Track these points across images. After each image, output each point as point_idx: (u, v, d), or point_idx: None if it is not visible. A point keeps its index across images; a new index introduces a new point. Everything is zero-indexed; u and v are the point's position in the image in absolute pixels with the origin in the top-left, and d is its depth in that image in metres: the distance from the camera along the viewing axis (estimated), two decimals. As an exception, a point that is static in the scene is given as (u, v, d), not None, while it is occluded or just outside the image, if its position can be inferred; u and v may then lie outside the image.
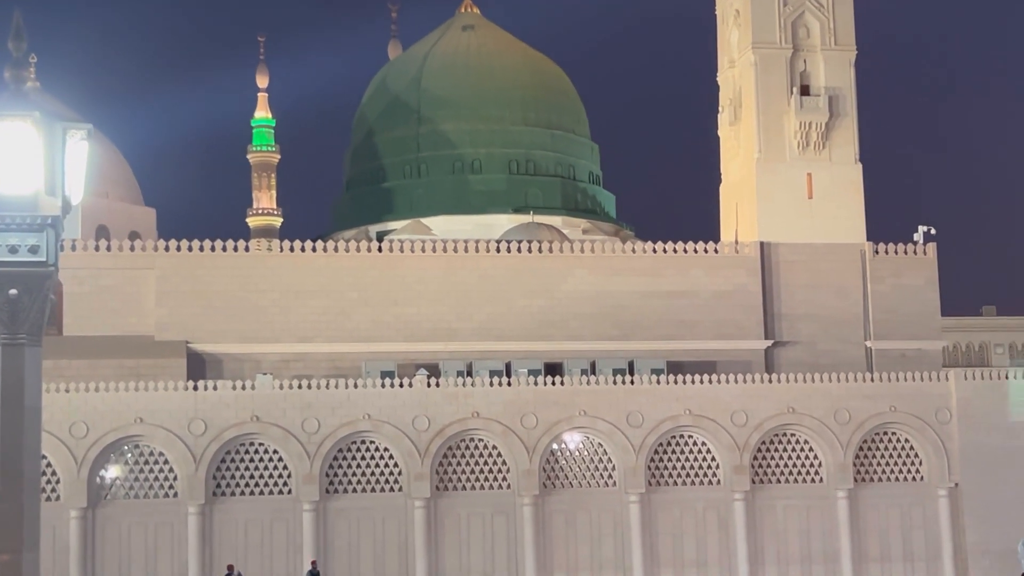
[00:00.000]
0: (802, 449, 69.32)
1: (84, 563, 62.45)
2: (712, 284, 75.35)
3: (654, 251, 75.56)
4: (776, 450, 69.16)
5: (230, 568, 60.36)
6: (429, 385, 66.48)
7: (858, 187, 78.86)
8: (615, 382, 67.84)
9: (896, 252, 77.64)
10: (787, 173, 78.14)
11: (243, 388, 65.11)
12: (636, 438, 67.11)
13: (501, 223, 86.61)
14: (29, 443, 17.18)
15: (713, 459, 68.39)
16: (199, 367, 69.93)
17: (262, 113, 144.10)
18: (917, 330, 77.05)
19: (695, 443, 68.47)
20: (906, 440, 70.12)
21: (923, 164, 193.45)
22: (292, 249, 72.76)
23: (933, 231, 78.63)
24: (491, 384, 66.92)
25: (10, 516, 17.87)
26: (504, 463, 66.71)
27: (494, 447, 66.75)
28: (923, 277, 77.69)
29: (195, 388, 64.76)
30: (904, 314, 76.94)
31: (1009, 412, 69.97)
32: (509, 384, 67.15)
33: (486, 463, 66.81)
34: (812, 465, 69.28)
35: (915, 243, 78.12)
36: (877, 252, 77.46)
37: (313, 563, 61.84)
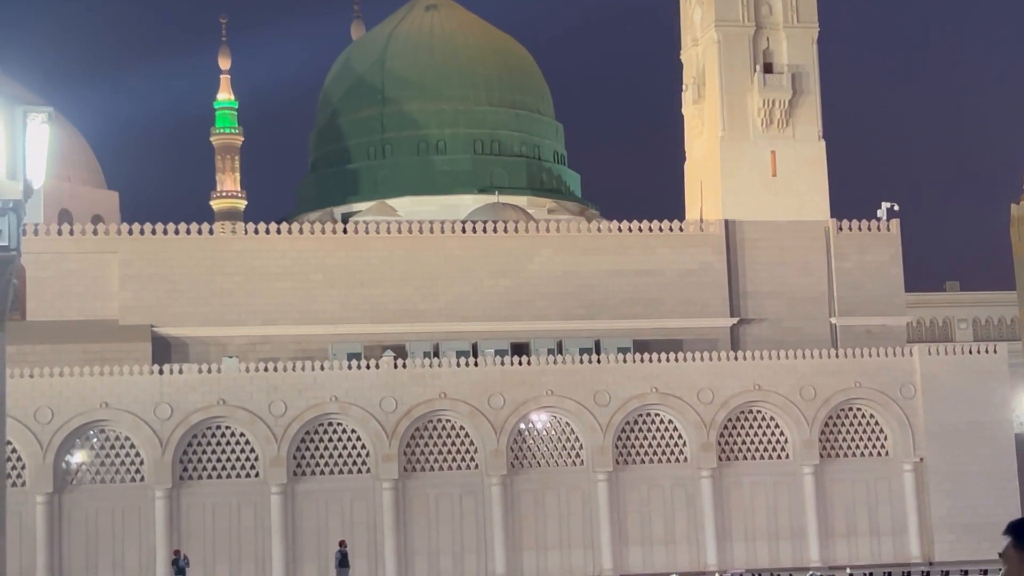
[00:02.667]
0: (768, 426, 69.63)
1: (51, 548, 62.19)
2: (678, 262, 75.51)
3: (619, 230, 75.67)
4: (742, 427, 69.45)
5: (176, 553, 60.21)
6: (396, 366, 66.43)
7: (822, 164, 79.09)
8: (582, 361, 67.96)
9: (860, 229, 77.96)
10: (751, 151, 78.30)
11: (209, 371, 64.89)
12: (603, 417, 67.26)
13: (466, 203, 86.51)
14: (-7, 429, 17.08)
15: (680, 437, 68.62)
16: (164, 351, 69.65)
17: (225, 95, 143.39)
18: (881, 306, 77.45)
19: (662, 421, 68.67)
20: (871, 416, 70.52)
21: (886, 141, 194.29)
22: (257, 231, 72.50)
23: (896, 207, 79.04)
24: (458, 365, 66.92)
25: (-25, 502, 17.78)
26: (472, 443, 66.76)
27: (462, 428, 66.78)
28: (887, 253, 78.06)
29: (160, 372, 64.52)
30: (868, 290, 77.32)
31: (973, 387, 70.47)
32: (476, 365, 67.18)
33: (454, 444, 66.84)
34: (778, 441, 69.60)
35: (879, 220, 78.44)
36: (841, 229, 77.75)
37: (342, 543, 61.15)
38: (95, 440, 64.11)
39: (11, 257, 16.86)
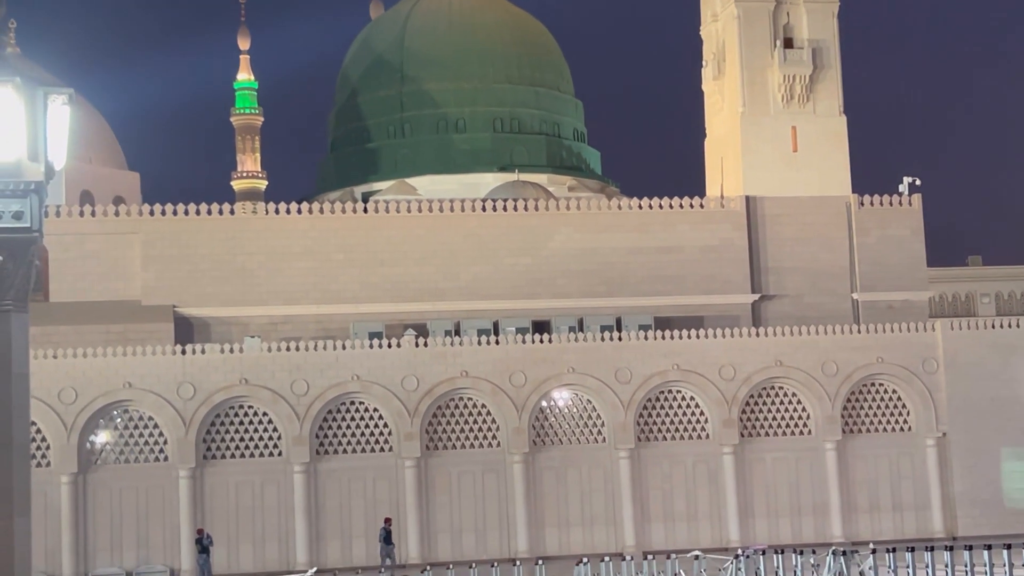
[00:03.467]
0: (790, 402, 69.58)
1: (76, 528, 62.57)
2: (698, 239, 75.42)
3: (640, 207, 75.61)
4: (764, 403, 69.41)
5: (200, 532, 60.42)
6: (417, 345, 66.53)
7: (843, 139, 78.86)
8: (603, 339, 67.96)
9: (881, 204, 77.75)
10: (772, 126, 78.10)
11: (231, 351, 65.11)
12: (625, 394, 67.30)
13: (487, 182, 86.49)
14: (18, 409, 17.18)
15: (702, 413, 68.63)
16: (187, 331, 69.90)
17: (244, 75, 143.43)
18: (903, 281, 77.27)
19: (683, 398, 68.68)
20: (893, 391, 70.41)
21: (907, 115, 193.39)
22: (277, 211, 72.62)
23: (918, 182, 78.78)
24: (479, 343, 67.00)
25: (1, 482, 17.89)
26: (493, 421, 66.88)
27: (483, 406, 66.90)
28: (909, 228, 77.85)
29: (183, 352, 64.75)
30: (890, 265, 77.13)
31: (996, 361, 70.26)
32: (497, 343, 67.24)
33: (475, 422, 66.98)
34: (800, 417, 69.55)
35: (900, 194, 78.22)
36: (863, 204, 77.56)
37: (387, 520, 61.09)
38: (119, 420, 64.42)
39: (33, 239, 16.93)
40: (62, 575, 61.20)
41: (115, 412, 64.28)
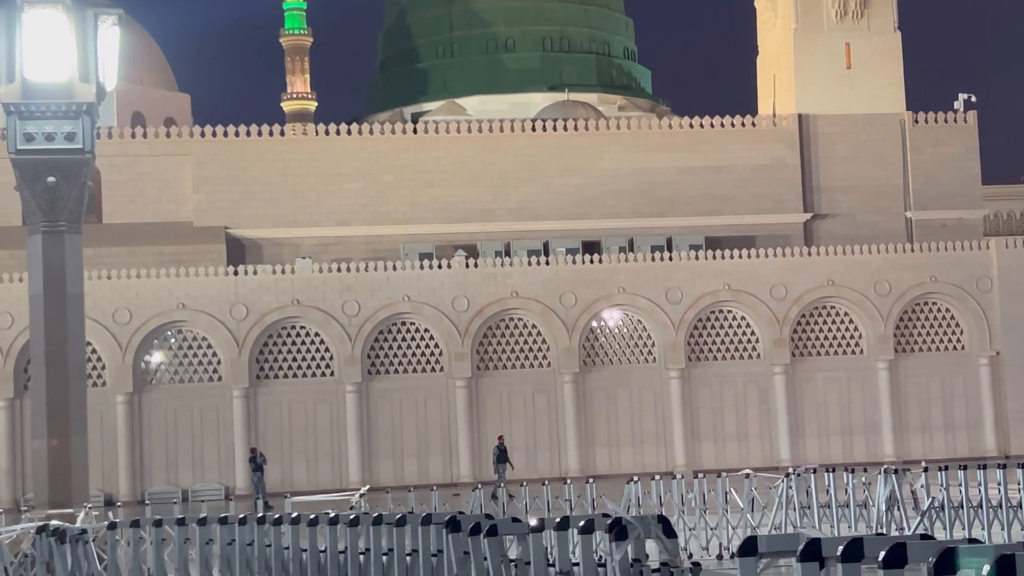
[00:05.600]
0: (842, 321, 69.29)
1: (132, 447, 63.41)
2: (750, 158, 74.86)
3: (691, 126, 75.07)
4: (816, 323, 69.17)
5: (253, 450, 60.94)
6: (468, 266, 66.63)
7: (897, 56, 77.79)
8: (653, 259, 67.80)
9: (936, 121, 76.82)
10: (825, 43, 77.12)
11: (283, 272, 65.45)
12: (675, 314, 67.21)
13: (536, 102, 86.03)
14: (73, 330, 17.34)
15: (753, 333, 68.48)
16: (238, 252, 70.28)
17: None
18: (958, 199, 76.50)
19: (734, 318, 68.54)
20: (947, 310, 69.97)
21: (963, 30, 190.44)
22: (328, 133, 72.63)
23: (973, 99, 77.69)
24: (529, 264, 67.01)
25: (57, 402, 18.12)
26: (544, 342, 67.01)
27: (533, 326, 67.02)
28: (963, 146, 76.93)
29: (235, 273, 65.15)
30: (944, 183, 76.34)
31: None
32: (547, 263, 67.23)
33: (526, 342, 67.14)
34: (852, 337, 69.29)
35: (955, 111, 77.24)
36: (917, 122, 76.67)
37: (500, 439, 60.85)
38: (172, 341, 65.01)
39: (86, 160, 16.99)
40: (119, 494, 62.09)
41: (169, 333, 64.87)
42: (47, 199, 17.03)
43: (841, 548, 8.44)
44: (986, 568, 7.36)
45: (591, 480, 37.12)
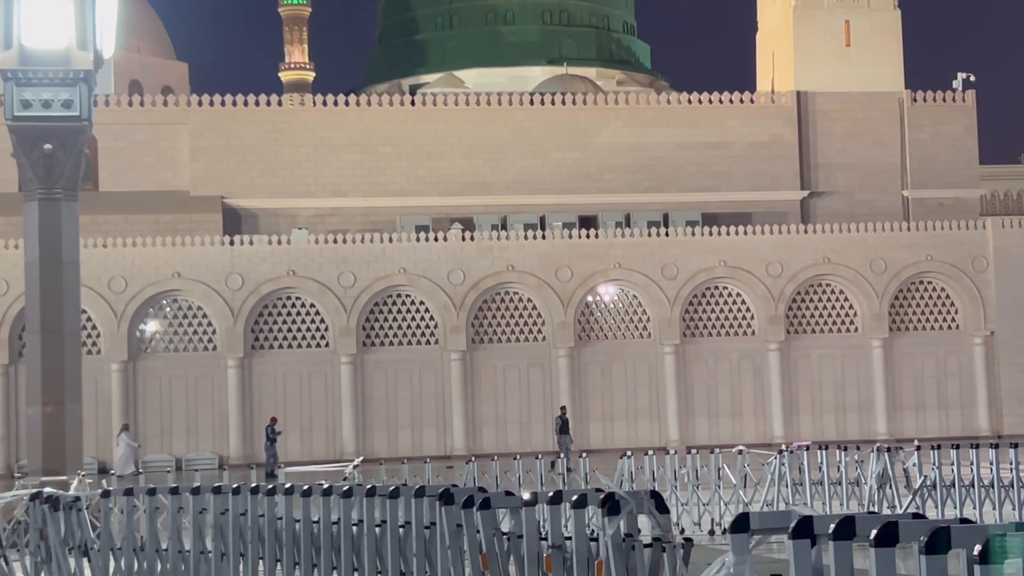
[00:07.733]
0: (837, 299, 69.36)
1: (126, 415, 63.40)
2: (748, 134, 74.82)
3: (689, 102, 75.00)
4: (811, 300, 69.23)
5: (273, 420, 60.93)
6: (464, 239, 66.60)
7: (896, 34, 77.67)
8: (650, 234, 67.79)
9: (935, 100, 76.78)
10: (824, 20, 76.98)
11: (279, 243, 65.42)
12: (671, 290, 67.24)
13: (535, 75, 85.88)
14: (68, 297, 17.35)
15: (748, 310, 68.55)
16: (235, 222, 70.24)
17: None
18: (955, 178, 76.51)
19: (730, 294, 68.58)
20: (942, 289, 70.04)
21: (963, 9, 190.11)
22: (325, 103, 72.55)
23: (972, 78, 77.63)
24: (526, 237, 67.00)
25: (52, 369, 18.13)
26: (539, 315, 67.05)
27: (529, 300, 67.04)
28: (962, 125, 76.91)
29: (231, 243, 65.09)
30: (942, 162, 76.33)
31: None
32: (543, 237, 67.22)
33: (521, 316, 67.17)
34: (847, 315, 69.36)
35: (954, 90, 77.18)
36: (915, 100, 76.61)
37: (563, 409, 61.18)
38: (168, 309, 65.00)
39: (83, 127, 16.95)
40: (112, 463, 62.17)
41: (164, 301, 64.85)
42: (44, 166, 17.01)
43: (833, 526, 8.48)
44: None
45: (584, 454, 37.19)
